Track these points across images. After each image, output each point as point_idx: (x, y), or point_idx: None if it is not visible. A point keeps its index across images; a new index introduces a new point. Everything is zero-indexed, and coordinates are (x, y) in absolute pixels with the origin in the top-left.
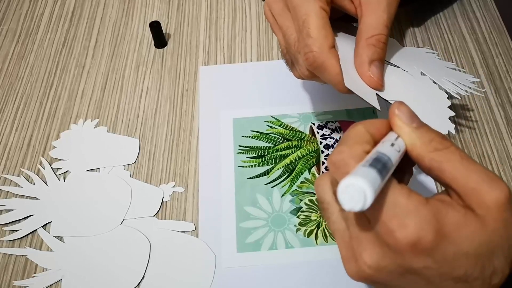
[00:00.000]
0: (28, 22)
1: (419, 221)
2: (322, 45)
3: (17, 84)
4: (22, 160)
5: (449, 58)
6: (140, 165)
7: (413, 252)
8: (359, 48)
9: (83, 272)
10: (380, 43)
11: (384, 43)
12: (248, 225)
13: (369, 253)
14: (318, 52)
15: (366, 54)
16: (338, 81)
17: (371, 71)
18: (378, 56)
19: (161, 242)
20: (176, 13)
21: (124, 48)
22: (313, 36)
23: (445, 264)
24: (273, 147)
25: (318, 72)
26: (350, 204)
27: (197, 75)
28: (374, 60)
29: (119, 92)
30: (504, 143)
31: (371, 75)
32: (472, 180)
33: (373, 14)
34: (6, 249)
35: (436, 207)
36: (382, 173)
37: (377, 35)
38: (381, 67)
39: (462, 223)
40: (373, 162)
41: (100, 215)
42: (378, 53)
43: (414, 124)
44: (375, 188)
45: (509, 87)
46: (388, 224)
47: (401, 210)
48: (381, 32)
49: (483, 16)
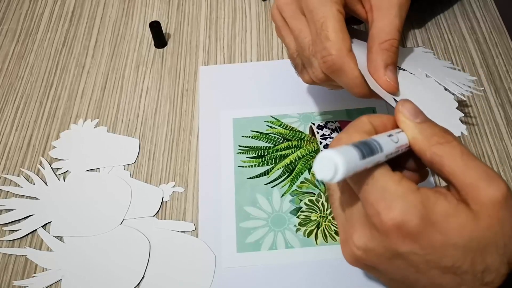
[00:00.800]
0: (28, 22)
1: (405, 205)
2: (341, 48)
3: (17, 84)
4: (22, 160)
5: (449, 58)
6: (140, 165)
7: (398, 235)
8: (372, 53)
9: (83, 272)
10: (393, 48)
11: (396, 47)
12: (248, 225)
13: (358, 235)
14: (337, 56)
15: (381, 59)
16: (356, 84)
17: (387, 75)
18: (392, 60)
19: (161, 242)
20: (176, 13)
21: (124, 48)
22: (332, 39)
23: (432, 252)
24: (273, 147)
25: (336, 75)
26: (321, 175)
27: (197, 75)
28: (388, 64)
29: (119, 92)
30: (504, 143)
31: (387, 80)
32: (470, 175)
33: (385, 18)
34: (6, 249)
35: (426, 195)
36: (364, 154)
37: (390, 40)
38: (395, 71)
39: (452, 213)
40: (358, 144)
41: (100, 215)
42: (392, 58)
43: (417, 120)
44: (350, 164)
45: (509, 87)
46: (375, 206)
47: (389, 194)
48: (393, 37)
49: (483, 16)
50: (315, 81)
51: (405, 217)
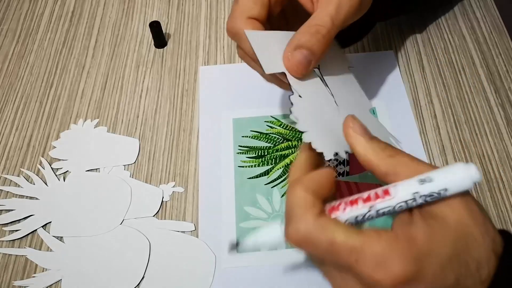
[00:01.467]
0: (28, 22)
1: (399, 262)
2: (242, 12)
3: (17, 84)
4: (22, 160)
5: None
6: (140, 165)
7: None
8: (296, 33)
9: (83, 272)
10: (318, 34)
11: (323, 35)
12: (248, 225)
13: None
14: (236, 19)
15: (297, 38)
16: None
17: (292, 54)
18: (309, 45)
19: (161, 242)
20: (176, 13)
21: (124, 48)
22: (239, 3)
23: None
24: (273, 147)
25: (237, 42)
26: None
27: (197, 75)
28: (302, 47)
29: (119, 92)
30: (504, 143)
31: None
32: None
33: (323, 7)
34: (6, 249)
35: (404, 236)
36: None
37: (318, 26)
38: (308, 57)
39: (430, 234)
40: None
41: (100, 215)
42: (311, 43)
43: (367, 136)
44: None
45: (509, 87)
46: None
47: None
48: (322, 24)
49: (483, 16)
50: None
51: (404, 269)
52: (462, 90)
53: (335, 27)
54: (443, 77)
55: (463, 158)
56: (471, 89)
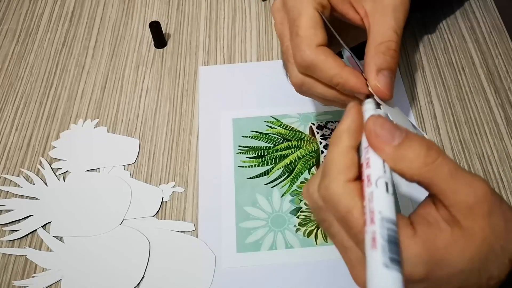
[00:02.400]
0: (28, 22)
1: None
2: (310, 42)
3: (17, 84)
4: (22, 160)
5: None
6: (140, 165)
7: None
8: (367, 57)
9: (83, 272)
10: (390, 51)
11: (395, 50)
12: (248, 225)
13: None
14: (305, 51)
15: (374, 63)
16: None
17: (377, 80)
18: (387, 64)
19: (161, 242)
20: (176, 13)
21: (124, 48)
22: (301, 34)
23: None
24: (273, 147)
25: (311, 72)
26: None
27: (197, 75)
28: (382, 68)
29: (119, 92)
30: (504, 143)
31: (377, 84)
32: (461, 193)
33: (380, 21)
34: (6, 249)
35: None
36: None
37: (387, 42)
38: (391, 76)
39: (451, 243)
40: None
41: (100, 215)
42: (388, 62)
43: (395, 141)
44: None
45: (509, 87)
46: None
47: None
48: (390, 39)
49: (483, 16)
50: (297, 85)
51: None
52: (462, 90)
53: (400, 37)
54: (442, 77)
55: (463, 158)
56: (471, 89)
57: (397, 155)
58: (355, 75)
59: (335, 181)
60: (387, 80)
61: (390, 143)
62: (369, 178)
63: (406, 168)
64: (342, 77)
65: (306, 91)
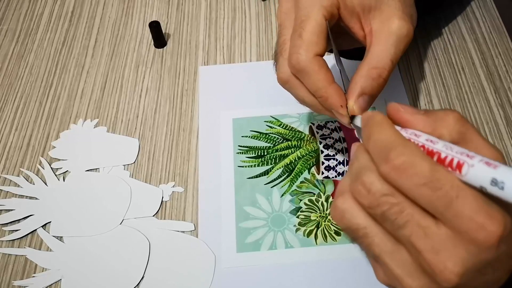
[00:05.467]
0: (28, 22)
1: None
2: (308, 49)
3: (17, 83)
4: (22, 160)
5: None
6: (140, 165)
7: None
8: (356, 75)
9: (83, 272)
10: (380, 79)
11: (384, 79)
12: (247, 225)
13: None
14: (302, 55)
15: (360, 85)
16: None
17: (356, 102)
18: (372, 90)
19: (161, 242)
20: (176, 13)
21: (123, 47)
22: (304, 38)
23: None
24: (273, 147)
25: (300, 76)
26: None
27: (196, 75)
28: (365, 93)
29: (118, 92)
30: (504, 143)
31: (353, 107)
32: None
33: (382, 45)
34: (6, 249)
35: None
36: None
37: (380, 69)
38: (369, 101)
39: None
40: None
41: (99, 215)
42: (373, 88)
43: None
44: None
45: (509, 87)
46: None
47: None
48: (384, 66)
49: (482, 16)
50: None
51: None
52: (462, 90)
53: (394, 67)
54: (442, 77)
55: None
56: (470, 89)
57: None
58: (339, 94)
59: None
60: (364, 105)
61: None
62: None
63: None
64: (326, 93)
65: (288, 88)
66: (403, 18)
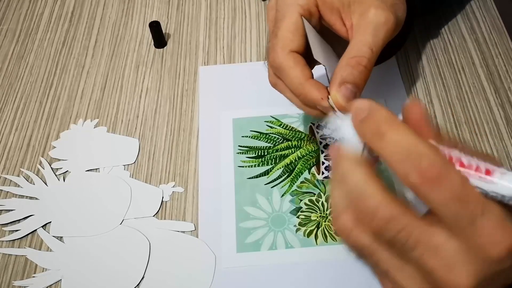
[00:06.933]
0: (28, 22)
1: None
2: (283, 46)
3: (17, 84)
4: (22, 160)
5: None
6: (140, 165)
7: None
8: (337, 67)
9: (83, 272)
10: (360, 66)
11: (364, 66)
12: (248, 225)
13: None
14: (278, 53)
15: (340, 74)
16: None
17: (338, 91)
18: (353, 78)
19: (161, 242)
20: (176, 13)
21: (123, 48)
22: (279, 36)
23: None
24: (273, 147)
25: (279, 75)
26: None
27: (196, 75)
28: (347, 82)
29: (118, 92)
30: (504, 143)
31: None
32: None
33: (359, 36)
34: (6, 249)
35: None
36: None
37: (359, 57)
38: (353, 91)
39: None
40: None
41: (99, 215)
42: (354, 76)
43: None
44: None
45: (509, 87)
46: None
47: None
48: (363, 55)
49: (482, 16)
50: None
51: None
52: (462, 90)
53: (375, 54)
54: (442, 77)
55: None
56: (470, 89)
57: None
58: (317, 88)
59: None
60: (347, 93)
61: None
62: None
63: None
64: (304, 88)
65: (279, 92)
66: (380, 7)
